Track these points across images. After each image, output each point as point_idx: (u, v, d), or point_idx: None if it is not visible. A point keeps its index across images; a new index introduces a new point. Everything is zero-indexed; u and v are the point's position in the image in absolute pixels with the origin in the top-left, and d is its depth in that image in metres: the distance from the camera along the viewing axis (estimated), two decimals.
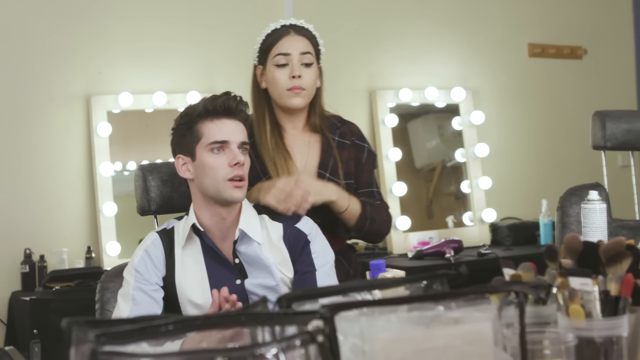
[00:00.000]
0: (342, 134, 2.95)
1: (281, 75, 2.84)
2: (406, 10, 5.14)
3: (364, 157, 2.95)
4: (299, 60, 2.84)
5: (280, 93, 2.85)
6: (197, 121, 2.48)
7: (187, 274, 2.47)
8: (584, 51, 5.63)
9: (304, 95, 2.85)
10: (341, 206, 2.78)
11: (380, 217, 2.88)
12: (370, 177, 2.96)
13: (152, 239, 2.52)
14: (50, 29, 4.27)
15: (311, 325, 1.26)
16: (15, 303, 4.02)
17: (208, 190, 2.46)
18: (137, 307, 2.42)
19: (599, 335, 1.50)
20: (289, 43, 2.86)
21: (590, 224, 2.50)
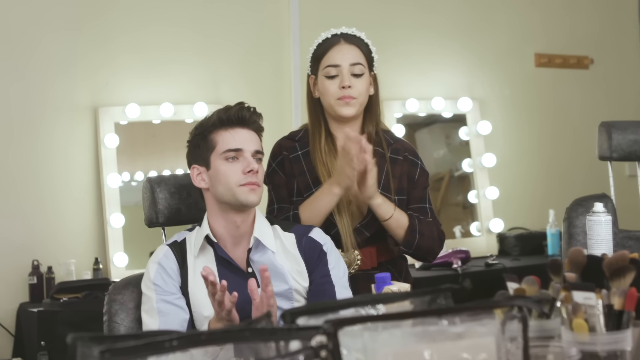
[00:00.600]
0: (395, 150, 2.91)
1: (331, 86, 2.83)
2: (411, 19, 5.15)
3: (417, 173, 2.90)
4: (349, 71, 2.83)
5: (330, 102, 2.83)
6: (211, 131, 2.52)
7: (199, 283, 2.48)
8: (591, 61, 5.63)
9: (354, 103, 2.82)
10: (386, 212, 2.74)
11: (431, 234, 2.82)
12: (423, 193, 2.91)
13: (163, 251, 2.54)
14: (56, 41, 4.29)
15: (314, 341, 1.27)
16: (23, 314, 4.03)
17: (223, 197, 2.49)
18: (166, 319, 2.44)
19: (603, 349, 1.50)
20: (339, 54, 2.85)
21: (596, 236, 2.50)
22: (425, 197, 2.90)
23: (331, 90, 2.82)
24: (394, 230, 2.78)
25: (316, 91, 2.89)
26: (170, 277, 2.49)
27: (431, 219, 2.86)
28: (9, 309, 4.10)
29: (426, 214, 2.87)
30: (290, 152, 2.88)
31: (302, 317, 1.39)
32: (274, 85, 4.74)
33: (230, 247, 2.53)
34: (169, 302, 2.46)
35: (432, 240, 2.81)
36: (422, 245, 2.79)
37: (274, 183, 2.86)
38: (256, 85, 4.67)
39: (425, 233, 2.79)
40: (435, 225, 2.86)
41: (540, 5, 5.51)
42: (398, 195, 2.84)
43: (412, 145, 3.00)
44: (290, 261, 2.54)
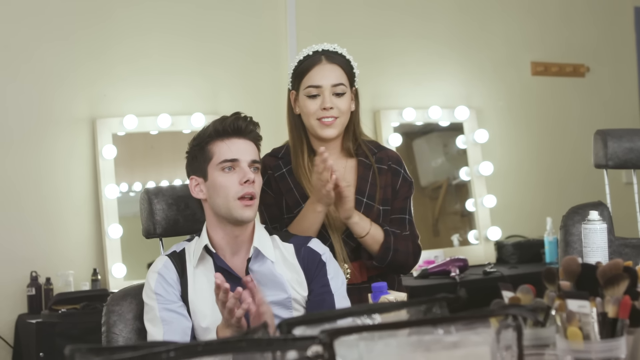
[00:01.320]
0: (379, 159, 2.89)
1: (312, 105, 2.80)
2: (409, 29, 5.17)
3: (399, 182, 2.89)
4: (330, 91, 2.80)
5: (311, 123, 2.81)
6: (208, 142, 2.53)
7: (199, 294, 2.50)
8: (587, 69, 5.65)
9: (336, 124, 2.81)
10: (362, 229, 2.74)
11: (406, 249, 2.81)
12: (404, 203, 2.89)
13: (162, 261, 2.55)
14: (53, 52, 4.30)
15: (310, 351, 1.28)
16: (21, 326, 4.03)
17: (220, 210, 2.50)
18: (170, 327, 2.45)
19: (597, 357, 1.51)
20: (320, 74, 2.81)
21: (591, 244, 2.51)
22: (405, 208, 2.88)
23: (312, 110, 2.80)
24: (369, 246, 2.78)
25: (297, 107, 2.87)
26: (170, 286, 2.50)
27: (408, 232, 2.85)
28: (8, 320, 4.10)
29: (404, 226, 2.85)
30: (275, 171, 2.87)
31: (299, 327, 1.40)
32: (272, 95, 4.75)
33: (229, 257, 2.54)
34: (171, 311, 2.47)
35: (407, 256, 2.81)
36: (395, 260, 2.79)
37: (264, 202, 2.84)
38: (254, 96, 4.69)
39: (400, 249, 2.79)
40: (412, 239, 2.84)
41: (536, 14, 5.53)
42: (383, 205, 2.84)
43: (397, 154, 2.98)
44: (290, 271, 2.55)
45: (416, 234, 2.88)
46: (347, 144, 2.88)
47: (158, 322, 2.46)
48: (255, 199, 2.52)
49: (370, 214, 2.80)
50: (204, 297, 2.50)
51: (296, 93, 2.87)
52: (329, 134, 2.81)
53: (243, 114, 2.57)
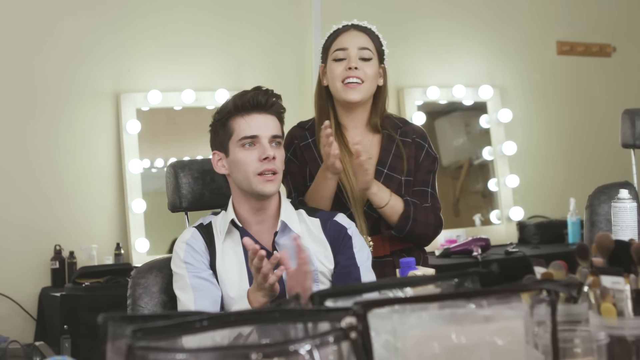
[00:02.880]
0: (404, 132, 2.90)
1: (338, 68, 2.82)
2: (434, 8, 5.14)
3: (422, 155, 2.89)
4: (356, 54, 2.83)
5: (336, 86, 2.82)
6: (228, 118, 2.52)
7: (227, 265, 2.51)
8: (613, 49, 5.60)
9: (361, 89, 2.81)
10: (381, 200, 2.75)
11: (425, 220, 2.80)
12: (426, 176, 2.88)
13: (190, 232, 2.55)
14: (78, 26, 4.30)
15: (344, 322, 1.27)
16: (45, 299, 4.06)
17: (242, 185, 2.51)
18: (201, 294, 2.46)
19: (631, 333, 1.50)
20: (347, 38, 2.86)
21: (621, 222, 2.49)
22: (427, 181, 2.88)
23: (337, 72, 2.82)
24: (389, 216, 2.78)
25: (325, 79, 2.89)
26: (200, 255, 2.51)
27: (429, 204, 2.84)
28: (32, 293, 4.13)
29: (426, 198, 2.85)
30: (301, 140, 2.89)
31: (327, 300, 1.40)
32: (296, 73, 4.74)
33: (255, 231, 2.54)
34: (202, 278, 2.48)
35: (426, 227, 2.80)
36: (414, 231, 2.78)
37: (290, 171, 2.85)
38: (278, 73, 4.67)
39: (419, 219, 2.78)
40: (433, 211, 2.84)
41: None
42: (407, 176, 2.85)
43: (422, 129, 2.98)
44: (317, 244, 2.55)
45: (438, 207, 2.87)
46: (374, 120, 2.89)
47: (189, 289, 2.46)
48: (278, 174, 2.51)
49: (391, 185, 2.80)
50: (232, 268, 2.51)
51: (324, 65, 2.89)
52: (353, 97, 2.81)
53: (264, 87, 2.54)
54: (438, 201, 2.90)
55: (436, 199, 2.89)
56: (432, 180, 2.90)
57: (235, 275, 2.50)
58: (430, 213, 2.82)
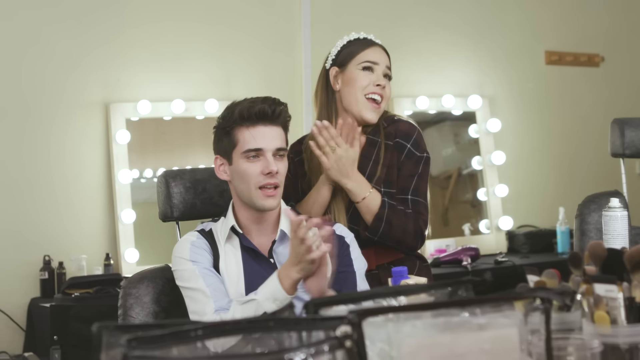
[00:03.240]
0: (387, 134, 2.85)
1: (364, 78, 2.83)
2: (423, 17, 5.15)
3: (402, 158, 2.81)
4: (383, 72, 2.86)
5: (357, 96, 2.83)
6: (233, 127, 2.51)
7: (229, 270, 2.52)
8: (601, 59, 5.63)
9: (380, 111, 2.85)
10: (355, 195, 2.73)
11: (403, 225, 2.72)
12: (406, 182, 2.79)
13: (195, 235, 2.56)
14: (67, 36, 4.29)
15: (339, 331, 1.27)
16: (34, 309, 4.04)
17: (243, 196, 2.51)
18: (210, 280, 2.45)
19: (624, 341, 1.50)
20: (378, 54, 2.88)
21: (612, 231, 2.50)
22: (407, 187, 2.79)
23: (364, 83, 2.82)
24: (364, 215, 2.75)
25: (338, 83, 2.87)
26: (205, 253, 2.51)
27: (411, 210, 2.76)
28: (20, 303, 4.11)
29: (406, 206, 2.77)
30: (296, 156, 2.91)
31: (323, 308, 1.40)
32: (286, 81, 4.74)
33: (255, 237, 2.55)
34: (210, 270, 2.48)
35: (404, 233, 2.73)
36: (389, 236, 2.73)
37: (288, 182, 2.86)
38: (268, 82, 4.68)
39: (395, 223, 2.72)
40: (413, 218, 2.74)
41: (551, 3, 5.51)
42: (385, 187, 2.79)
43: (409, 126, 2.87)
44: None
45: (421, 215, 2.77)
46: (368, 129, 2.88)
47: (199, 278, 2.45)
48: (279, 187, 2.51)
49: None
50: (232, 272, 2.51)
51: (339, 70, 2.88)
52: (371, 117, 2.83)
53: (271, 97, 2.53)
54: (423, 208, 2.79)
55: (420, 205, 2.79)
56: (416, 184, 2.80)
57: (233, 279, 2.50)
58: (410, 220, 2.74)
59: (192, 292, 2.46)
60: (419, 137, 2.84)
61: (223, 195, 2.69)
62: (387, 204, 2.72)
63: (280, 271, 2.36)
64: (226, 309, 2.38)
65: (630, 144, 3.32)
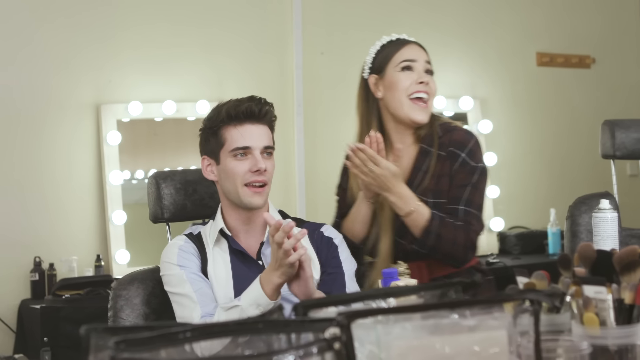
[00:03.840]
0: (441, 144, 2.72)
1: (405, 79, 2.72)
2: (414, 19, 5.15)
3: (455, 167, 2.68)
4: (424, 67, 2.76)
5: (401, 100, 2.71)
6: (220, 127, 2.51)
7: (217, 274, 2.51)
8: (593, 60, 5.64)
9: (428, 110, 2.72)
10: (400, 209, 2.62)
11: (452, 238, 2.61)
12: (458, 192, 2.67)
13: (183, 240, 2.55)
14: (58, 37, 4.29)
15: (328, 333, 1.27)
16: (25, 311, 4.03)
17: (230, 195, 2.51)
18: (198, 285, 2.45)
19: (614, 343, 1.50)
20: (414, 51, 2.78)
21: (602, 232, 2.50)
22: (459, 197, 2.66)
23: (405, 84, 2.71)
24: (411, 228, 2.64)
25: (379, 91, 2.76)
26: (193, 258, 2.51)
27: (462, 222, 2.63)
28: (11, 305, 4.10)
29: (457, 216, 2.64)
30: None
31: (313, 310, 1.40)
32: (277, 83, 4.74)
33: (243, 239, 2.55)
34: (197, 275, 2.48)
35: (453, 246, 2.61)
36: (438, 249, 2.62)
37: (339, 196, 2.85)
38: (259, 84, 4.67)
39: (445, 236, 2.60)
40: (464, 230, 2.62)
41: (542, 4, 5.52)
42: (434, 197, 2.68)
43: (463, 135, 2.74)
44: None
45: (472, 226, 2.64)
46: (419, 131, 2.76)
47: (186, 283, 2.45)
48: (267, 186, 2.51)
49: None
50: (220, 275, 2.51)
51: (377, 76, 2.77)
52: (421, 118, 2.72)
53: (257, 96, 2.54)
54: (476, 219, 2.67)
55: (473, 216, 2.66)
56: (470, 195, 2.67)
57: (222, 282, 2.50)
58: (460, 232, 2.62)
59: (180, 297, 2.46)
60: (475, 146, 2.73)
61: (214, 196, 2.69)
62: (436, 216, 2.62)
63: (262, 276, 2.35)
64: (212, 315, 2.39)
65: (621, 146, 3.32)
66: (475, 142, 2.73)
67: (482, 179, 2.69)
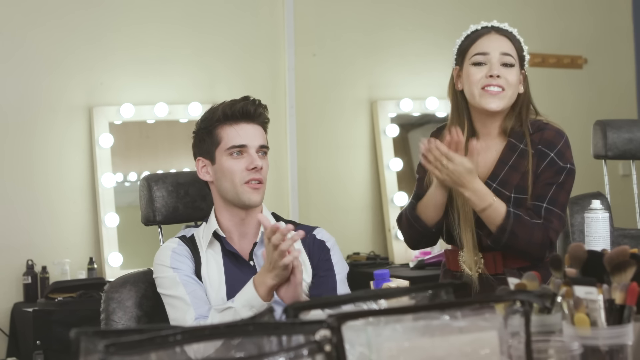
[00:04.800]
0: (531, 141, 2.68)
1: (477, 73, 2.66)
2: (407, 20, 5.16)
3: (543, 165, 2.65)
4: (498, 60, 2.67)
5: (473, 92, 2.66)
6: (216, 126, 2.53)
7: (211, 277, 2.52)
8: (584, 61, 5.65)
9: (502, 97, 2.65)
10: (475, 205, 2.58)
11: (528, 237, 2.57)
12: (544, 190, 2.63)
13: (176, 242, 2.56)
14: (50, 40, 4.28)
15: (318, 335, 1.27)
16: (17, 314, 4.02)
17: (227, 194, 2.51)
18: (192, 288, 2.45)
19: (604, 343, 1.50)
20: (488, 42, 2.70)
21: (593, 233, 2.50)
22: (544, 195, 2.63)
23: (476, 78, 2.66)
24: (487, 224, 2.62)
25: (459, 83, 2.73)
26: (186, 260, 2.51)
27: (542, 220, 2.60)
28: (3, 308, 4.09)
29: (539, 214, 2.61)
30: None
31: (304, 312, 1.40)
32: (269, 85, 4.74)
33: (237, 240, 2.55)
34: (191, 277, 2.48)
35: (529, 244, 2.58)
36: (514, 246, 2.59)
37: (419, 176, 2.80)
38: (251, 86, 4.67)
39: (520, 235, 2.57)
40: (543, 229, 2.59)
41: (534, 5, 5.52)
42: (516, 193, 2.64)
43: (555, 133, 2.70)
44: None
45: (552, 224, 2.61)
46: (505, 124, 2.72)
47: (180, 286, 2.45)
48: (263, 184, 2.52)
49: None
50: (213, 277, 2.51)
51: (459, 69, 2.74)
52: (493, 105, 2.65)
53: (251, 97, 2.56)
54: (558, 218, 2.63)
55: (556, 215, 2.62)
56: (555, 194, 2.64)
57: (215, 285, 2.50)
58: (538, 230, 2.59)
59: (173, 299, 2.46)
60: (565, 146, 2.70)
61: (206, 199, 2.69)
62: (512, 214, 2.58)
63: (256, 278, 2.36)
64: (206, 317, 2.39)
65: (613, 146, 3.33)
66: (565, 141, 2.71)
67: (568, 180, 2.68)
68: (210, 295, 2.49)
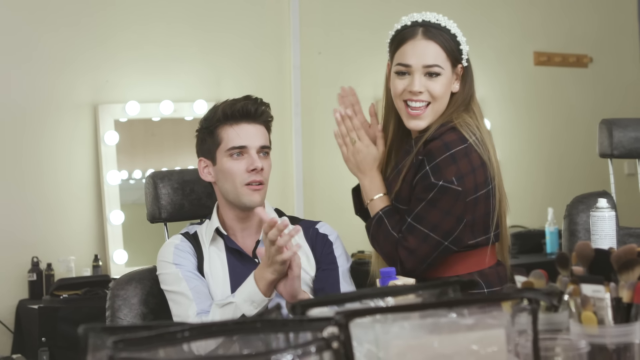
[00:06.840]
0: (418, 150, 2.45)
1: (399, 84, 2.48)
2: None
3: (417, 178, 2.43)
4: (421, 72, 2.46)
5: (397, 103, 2.50)
6: (217, 126, 2.52)
7: (214, 273, 2.52)
8: (590, 59, 5.64)
9: (427, 114, 2.46)
10: (364, 194, 2.54)
11: (384, 247, 2.47)
12: (414, 204, 2.43)
13: (179, 239, 2.56)
14: (56, 38, 4.29)
15: (326, 332, 1.27)
16: (22, 311, 4.03)
17: (228, 195, 2.52)
18: (195, 283, 2.46)
19: (612, 342, 1.50)
20: (412, 50, 2.49)
21: (600, 231, 2.50)
22: (412, 210, 2.42)
23: (398, 90, 2.48)
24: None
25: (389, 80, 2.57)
26: (190, 257, 2.52)
27: (400, 234, 2.43)
28: (9, 305, 4.10)
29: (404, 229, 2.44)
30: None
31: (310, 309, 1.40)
32: (275, 83, 4.74)
33: (239, 237, 2.56)
34: (193, 273, 2.49)
35: (385, 254, 2.47)
36: (374, 246, 2.52)
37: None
38: (256, 83, 4.67)
39: (380, 241, 2.48)
40: (393, 243, 2.44)
41: (539, 3, 5.52)
42: (395, 200, 2.49)
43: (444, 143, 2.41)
44: (300, 252, 2.54)
45: (408, 244, 2.42)
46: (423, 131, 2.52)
47: (182, 282, 2.46)
48: (264, 185, 2.52)
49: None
50: (217, 274, 2.52)
51: (390, 64, 2.57)
52: (413, 127, 2.48)
53: (253, 96, 2.55)
54: (419, 238, 2.41)
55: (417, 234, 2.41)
56: (423, 211, 2.40)
57: (219, 281, 2.51)
58: (390, 243, 2.45)
59: (176, 295, 2.47)
60: (446, 161, 2.39)
61: (211, 196, 2.69)
62: (378, 217, 2.48)
63: (256, 273, 2.36)
64: (207, 312, 2.39)
65: (618, 145, 3.33)
66: (450, 156, 2.39)
67: (443, 198, 2.39)
68: (214, 291, 2.49)
